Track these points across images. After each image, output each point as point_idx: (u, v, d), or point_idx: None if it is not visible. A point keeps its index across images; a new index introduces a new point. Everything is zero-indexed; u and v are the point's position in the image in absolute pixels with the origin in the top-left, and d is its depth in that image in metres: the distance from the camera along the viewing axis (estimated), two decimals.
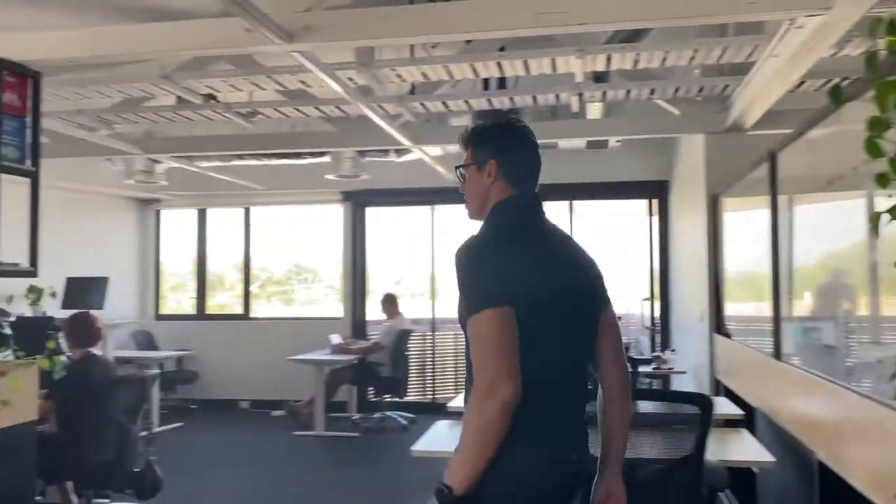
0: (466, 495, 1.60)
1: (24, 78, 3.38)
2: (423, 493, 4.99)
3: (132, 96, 4.66)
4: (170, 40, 3.39)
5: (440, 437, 3.24)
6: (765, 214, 3.62)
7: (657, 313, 7.59)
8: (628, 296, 7.70)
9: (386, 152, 6.42)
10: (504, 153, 1.84)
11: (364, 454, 6.30)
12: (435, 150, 6.48)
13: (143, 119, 5.21)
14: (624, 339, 1.99)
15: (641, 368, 5.40)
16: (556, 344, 1.72)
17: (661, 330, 7.53)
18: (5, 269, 3.27)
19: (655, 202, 7.71)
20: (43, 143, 5.93)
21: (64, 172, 6.98)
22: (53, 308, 7.13)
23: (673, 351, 6.46)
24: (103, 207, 8.21)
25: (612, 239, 8.16)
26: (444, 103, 4.88)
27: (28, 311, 7.09)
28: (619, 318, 1.95)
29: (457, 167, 1.94)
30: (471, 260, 1.71)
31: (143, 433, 4.41)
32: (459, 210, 1.97)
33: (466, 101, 4.91)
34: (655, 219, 7.71)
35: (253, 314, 8.71)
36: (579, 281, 1.82)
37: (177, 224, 9.02)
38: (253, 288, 8.91)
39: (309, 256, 9.25)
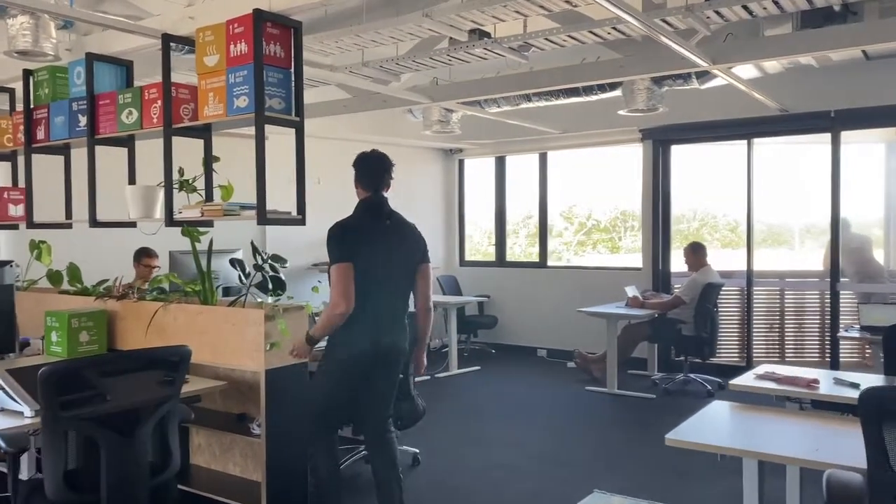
0: (316, 341, 3.41)
1: (286, 29, 3.42)
2: (709, 473, 4.31)
3: (403, 41, 4.59)
4: None
5: (710, 423, 2.59)
6: None
7: None
8: None
9: (685, 78, 5.56)
10: (360, 174, 3.47)
11: (657, 418, 5.70)
12: (747, 71, 5.44)
13: (420, 65, 5.17)
14: None
15: None
16: (377, 283, 3.31)
17: None
18: (277, 216, 3.38)
19: None
20: (344, 99, 6.35)
21: (375, 127, 7.44)
22: None
23: None
24: (412, 159, 8.62)
25: None
26: (745, 7, 3.94)
27: None
28: None
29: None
30: (331, 236, 3.33)
31: None
32: (781, 143, 1.66)
33: (776, 2, 3.90)
34: None
35: (551, 262, 8.51)
36: (399, 247, 3.42)
37: (478, 172, 9.15)
38: (579, 236, 8.75)
39: (621, 202, 8.72)
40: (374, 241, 3.35)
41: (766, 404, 2.97)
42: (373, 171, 3.45)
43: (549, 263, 8.46)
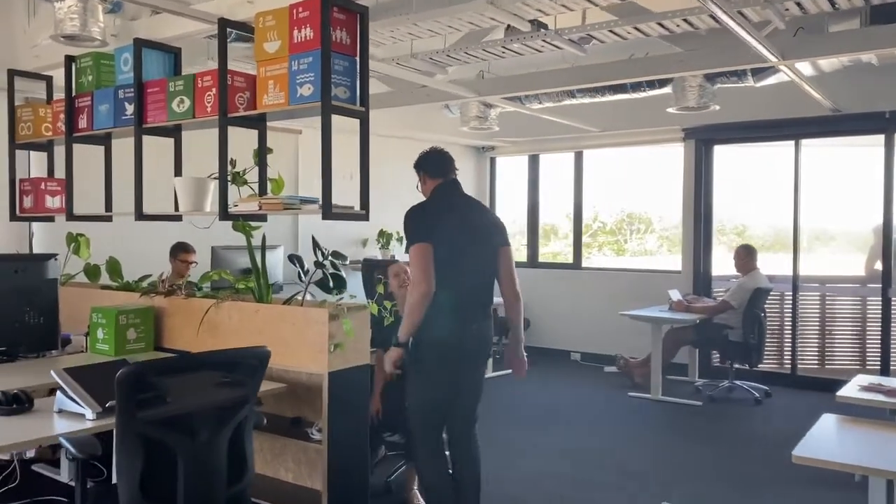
0: (406, 341, 3.14)
1: (352, 14, 3.25)
2: (775, 484, 4.14)
3: (460, 31, 4.42)
4: None
5: (827, 439, 2.41)
6: None
7: None
8: None
9: (740, 76, 5.38)
10: (425, 166, 3.48)
11: (707, 427, 5.52)
12: (803, 69, 5.25)
13: (472, 58, 5.00)
14: None
15: None
16: (461, 264, 3.15)
17: None
18: (341, 211, 3.21)
19: None
20: (385, 93, 6.18)
21: (410, 122, 7.25)
22: (400, 252, 7.58)
23: None
24: None
25: None
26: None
27: (378, 255, 7.66)
28: None
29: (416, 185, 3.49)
30: (408, 218, 3.26)
31: None
32: (830, 145, 1.70)
33: None
34: None
35: (585, 264, 8.32)
36: (477, 229, 3.27)
37: (510, 171, 8.98)
38: (585, 237, 8.54)
39: (642, 203, 8.54)
40: (454, 223, 3.24)
41: (872, 417, 2.79)
42: (440, 160, 3.45)
43: (584, 265, 8.26)
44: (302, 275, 3.53)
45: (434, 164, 3.43)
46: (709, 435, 5.30)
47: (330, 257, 3.51)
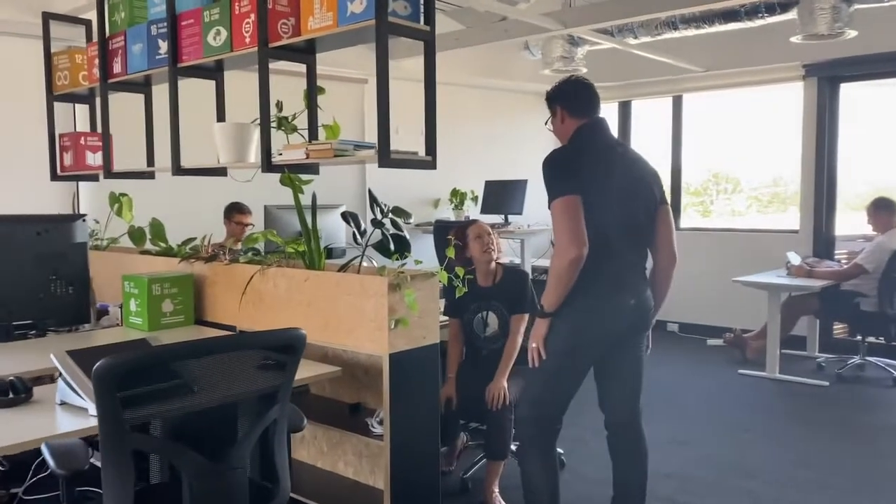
0: (553, 312, 2.55)
1: None
2: None
3: None
4: None
5: None
6: None
7: None
8: None
9: None
10: (566, 100, 2.70)
11: (839, 413, 4.68)
12: None
13: None
14: None
15: None
16: (618, 226, 2.55)
17: None
18: (402, 156, 2.60)
19: None
20: (456, 31, 5.47)
21: (483, 68, 6.54)
22: (475, 212, 6.95)
23: None
24: (520, 106, 7.65)
25: None
26: None
27: (451, 216, 7.02)
28: None
29: (546, 122, 2.80)
30: (548, 165, 2.57)
31: None
32: None
33: None
34: None
35: (683, 224, 7.45)
36: (636, 182, 2.65)
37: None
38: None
39: (730, 161, 7.57)
40: (606, 172, 2.56)
41: None
42: (585, 92, 2.72)
43: (683, 225, 7.39)
44: (358, 236, 2.94)
45: (577, 99, 2.70)
46: (842, 423, 4.47)
47: (390, 214, 2.92)
